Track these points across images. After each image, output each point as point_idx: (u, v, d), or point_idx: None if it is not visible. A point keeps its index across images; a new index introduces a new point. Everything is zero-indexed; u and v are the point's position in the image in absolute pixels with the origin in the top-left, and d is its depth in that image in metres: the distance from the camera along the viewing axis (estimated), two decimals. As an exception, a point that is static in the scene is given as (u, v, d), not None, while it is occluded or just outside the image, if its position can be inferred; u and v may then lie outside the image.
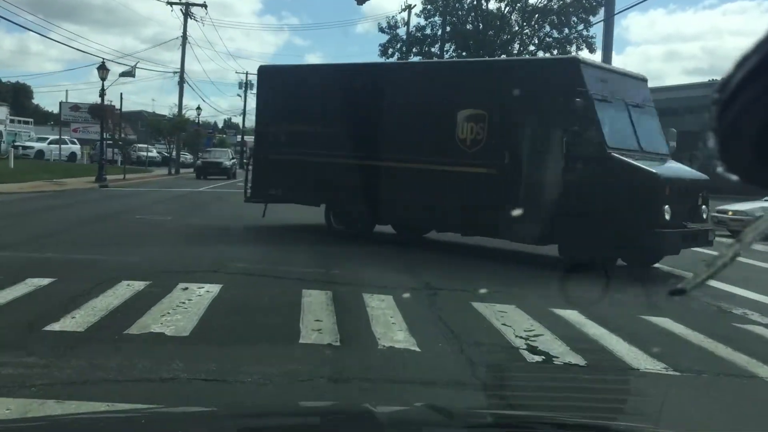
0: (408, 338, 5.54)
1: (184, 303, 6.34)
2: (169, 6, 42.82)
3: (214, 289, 7.02)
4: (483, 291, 9.73)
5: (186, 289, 6.95)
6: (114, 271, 7.83)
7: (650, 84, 12.02)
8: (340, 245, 11.95)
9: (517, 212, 9.55)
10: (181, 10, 43.55)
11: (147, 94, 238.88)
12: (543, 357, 5.23)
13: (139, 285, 7.07)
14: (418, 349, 5.25)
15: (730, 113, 0.71)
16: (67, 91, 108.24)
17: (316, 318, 6.04)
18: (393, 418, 1.80)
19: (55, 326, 5.38)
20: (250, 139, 77.48)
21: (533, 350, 5.41)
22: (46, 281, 7.12)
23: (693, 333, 6.43)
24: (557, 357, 5.25)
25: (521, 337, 5.79)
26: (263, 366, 4.67)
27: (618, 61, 20.43)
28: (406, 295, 7.43)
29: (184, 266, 8.48)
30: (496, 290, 8.00)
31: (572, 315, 6.85)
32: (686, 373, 5.17)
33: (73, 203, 17.92)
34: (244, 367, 4.62)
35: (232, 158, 41.82)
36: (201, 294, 6.78)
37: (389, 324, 6.01)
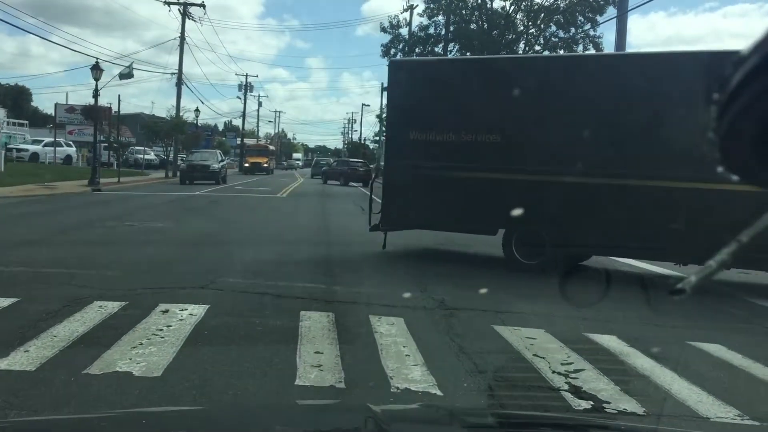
0: (426, 376, 4.62)
1: (161, 330, 5.42)
2: (166, 6, 42.06)
3: (198, 311, 6.10)
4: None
5: (166, 311, 6.03)
6: (88, 288, 6.93)
7: None
8: (341, 255, 11.05)
9: None
10: (178, 9, 42.75)
11: (148, 97, 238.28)
12: (591, 402, 4.31)
13: (112, 306, 6.16)
14: (439, 392, 4.34)
15: (729, 113, 0.69)
16: (67, 93, 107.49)
17: (316, 349, 5.12)
18: (393, 417, 1.77)
19: (2, 364, 4.46)
20: (250, 141, 76.71)
21: (577, 392, 4.49)
22: (7, 302, 6.20)
23: (754, 364, 5.53)
24: (608, 402, 4.32)
25: (559, 374, 4.88)
26: (250, 417, 3.75)
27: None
28: (419, 316, 6.54)
29: (169, 281, 7.57)
30: (519, 310, 7.10)
31: (610, 341, 5.96)
32: (766, 422, 4.25)
33: (59, 208, 17.02)
34: (226, 419, 3.70)
35: (222, 160, 36.34)
36: (183, 318, 5.86)
37: (402, 357, 5.09)
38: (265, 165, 56.28)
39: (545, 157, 9.65)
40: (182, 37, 42.56)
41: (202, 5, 42.46)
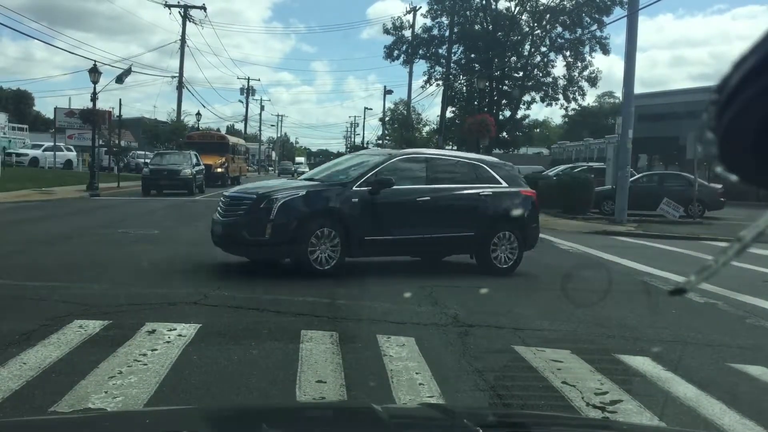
0: (443, 411, 4.04)
1: (145, 355, 4.85)
2: (167, 9, 41.69)
3: (188, 331, 5.53)
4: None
5: (152, 332, 5.47)
6: (69, 304, 6.36)
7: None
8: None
9: None
10: (179, 12, 42.36)
11: (151, 101, 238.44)
12: (637, 444, 3.72)
13: (94, 326, 5.59)
14: (460, 432, 3.75)
15: (728, 114, 0.71)
16: (70, 97, 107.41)
17: (318, 377, 4.54)
18: (395, 417, 1.78)
19: (-42, 398, 3.91)
20: (252, 145, 76.11)
21: (619, 430, 3.90)
22: (-21, 321, 5.65)
23: (808, 391, 4.94)
24: (656, 443, 3.74)
25: (594, 406, 4.30)
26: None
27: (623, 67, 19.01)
28: (431, 335, 5.96)
29: (158, 296, 6.99)
30: (539, 327, 6.51)
31: (645, 364, 5.37)
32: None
33: (53, 215, 16.47)
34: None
35: (197, 164, 28.44)
36: (170, 339, 5.29)
37: (415, 385, 4.52)
38: (220, 170, 34.04)
39: None
40: (183, 40, 42.18)
41: (203, 8, 42.09)
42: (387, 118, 53.88)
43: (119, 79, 30.06)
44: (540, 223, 10.88)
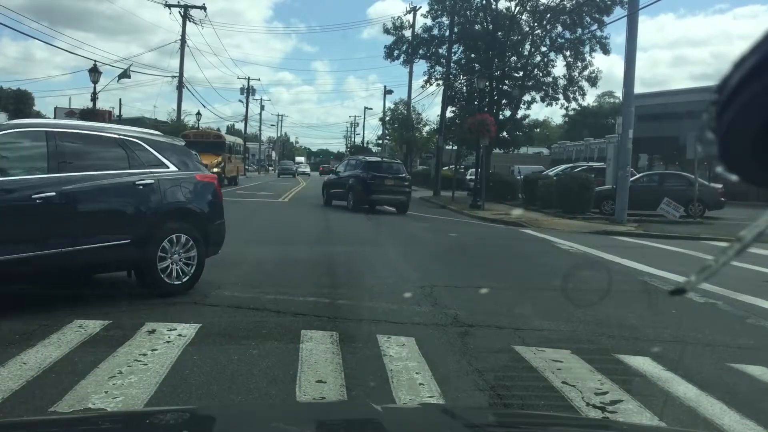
0: (443, 411, 4.04)
1: (145, 355, 4.85)
2: (167, 9, 41.69)
3: (188, 331, 5.53)
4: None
5: (152, 332, 5.47)
6: (69, 304, 6.35)
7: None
8: (345, 260, 10.47)
9: None
10: (179, 12, 42.37)
11: (151, 101, 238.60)
12: (637, 444, 3.72)
13: (94, 326, 5.59)
14: (460, 432, 3.75)
15: (728, 114, 0.71)
16: (70, 97, 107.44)
17: (318, 378, 4.54)
18: (394, 416, 1.79)
19: (-42, 398, 3.91)
20: (252, 145, 76.10)
21: (619, 430, 3.90)
22: (-22, 321, 5.64)
23: (808, 390, 4.94)
24: (656, 443, 3.74)
25: (594, 406, 4.30)
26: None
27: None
28: (432, 335, 5.96)
29: (158, 296, 6.96)
30: (539, 327, 6.51)
31: (645, 364, 5.37)
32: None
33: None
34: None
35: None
36: (170, 339, 5.29)
37: (415, 386, 4.52)
38: (216, 170, 27.53)
39: None
40: (183, 40, 42.19)
41: (203, 7, 42.10)
42: (387, 118, 53.84)
43: (123, 74, 30.07)
44: (540, 223, 10.81)
